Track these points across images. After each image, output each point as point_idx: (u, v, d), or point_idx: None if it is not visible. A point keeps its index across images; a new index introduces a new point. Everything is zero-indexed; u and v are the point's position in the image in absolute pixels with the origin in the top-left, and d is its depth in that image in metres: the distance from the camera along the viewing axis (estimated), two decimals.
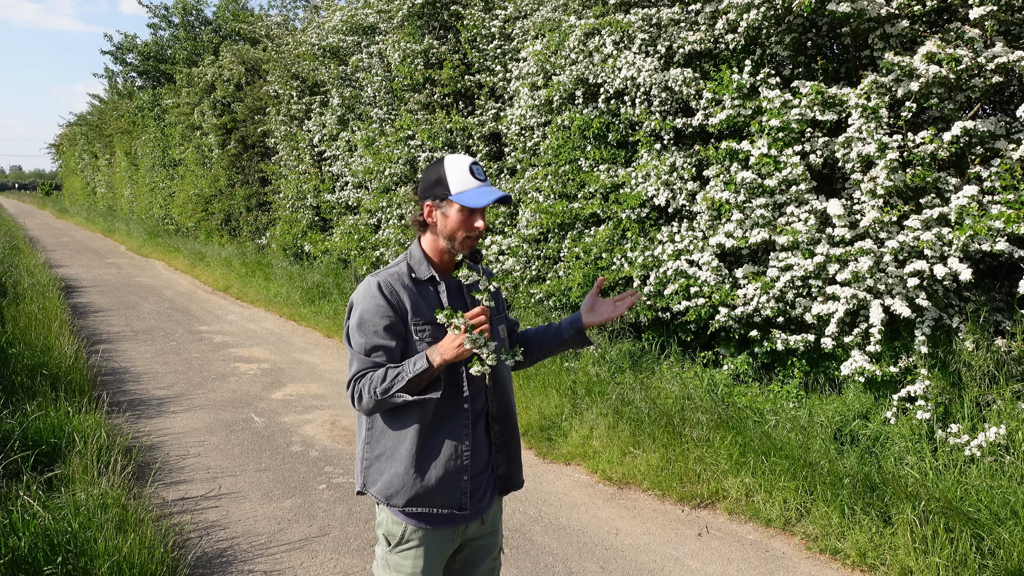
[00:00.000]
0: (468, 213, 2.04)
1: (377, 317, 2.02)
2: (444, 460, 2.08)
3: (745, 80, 5.18)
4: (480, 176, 2.05)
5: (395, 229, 9.13)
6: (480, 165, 2.06)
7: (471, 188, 2.02)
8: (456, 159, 2.06)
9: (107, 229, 24.14)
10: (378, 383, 1.98)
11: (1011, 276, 4.83)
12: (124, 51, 22.79)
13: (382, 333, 2.02)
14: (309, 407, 6.05)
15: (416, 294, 2.07)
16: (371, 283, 2.06)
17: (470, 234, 2.05)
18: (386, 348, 2.03)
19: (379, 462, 2.10)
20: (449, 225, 2.05)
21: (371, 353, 2.03)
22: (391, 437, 2.08)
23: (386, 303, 2.03)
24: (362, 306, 2.05)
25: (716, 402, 5.14)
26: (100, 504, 3.61)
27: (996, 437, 3.89)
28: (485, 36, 8.27)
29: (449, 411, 2.08)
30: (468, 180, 2.03)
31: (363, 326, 2.03)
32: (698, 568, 3.64)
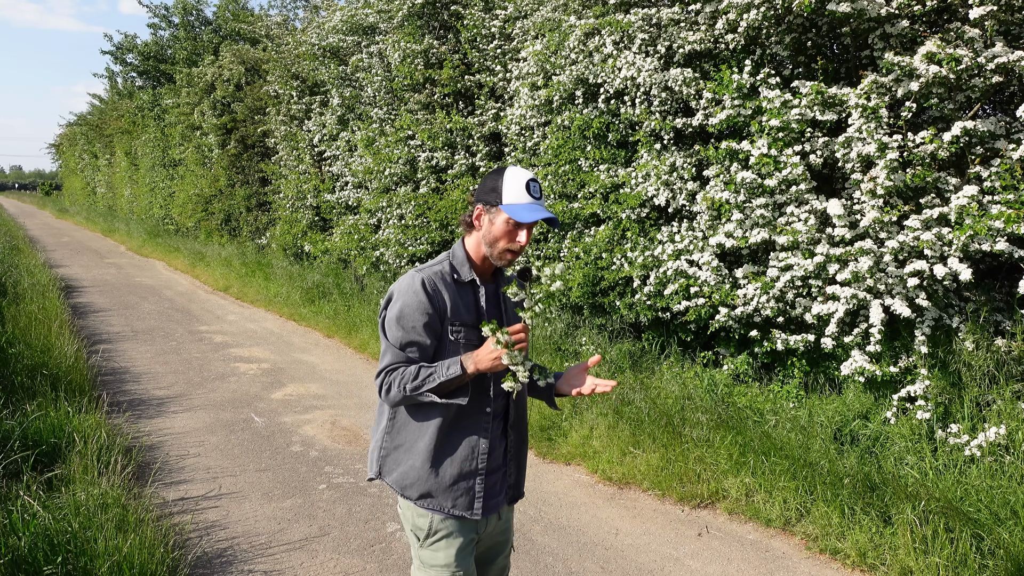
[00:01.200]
0: (513, 226, 2.06)
1: (417, 313, 2.04)
2: (461, 459, 2.11)
3: (745, 80, 5.18)
4: (535, 194, 2.06)
5: (395, 229, 9.13)
6: (539, 183, 2.09)
7: (523, 203, 2.04)
8: (517, 172, 2.07)
9: (107, 229, 24.13)
10: (409, 379, 2.01)
11: (1011, 276, 4.83)
12: (124, 51, 22.80)
13: (420, 330, 2.04)
14: (309, 407, 6.05)
15: (456, 294, 2.10)
16: (415, 279, 2.07)
17: (511, 247, 2.07)
18: (421, 345, 2.05)
19: (397, 452, 2.14)
20: (493, 232, 2.08)
21: (406, 348, 2.05)
22: (412, 430, 2.12)
23: (428, 301, 2.05)
24: (403, 300, 2.06)
25: (716, 402, 5.14)
26: (100, 504, 3.61)
27: (996, 437, 3.89)
28: (485, 36, 8.27)
29: (472, 412, 2.11)
30: (522, 194, 2.05)
31: (402, 320, 2.05)
32: (698, 568, 3.64)
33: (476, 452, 2.12)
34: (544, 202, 2.04)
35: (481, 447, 2.13)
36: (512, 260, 2.09)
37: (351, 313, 9.01)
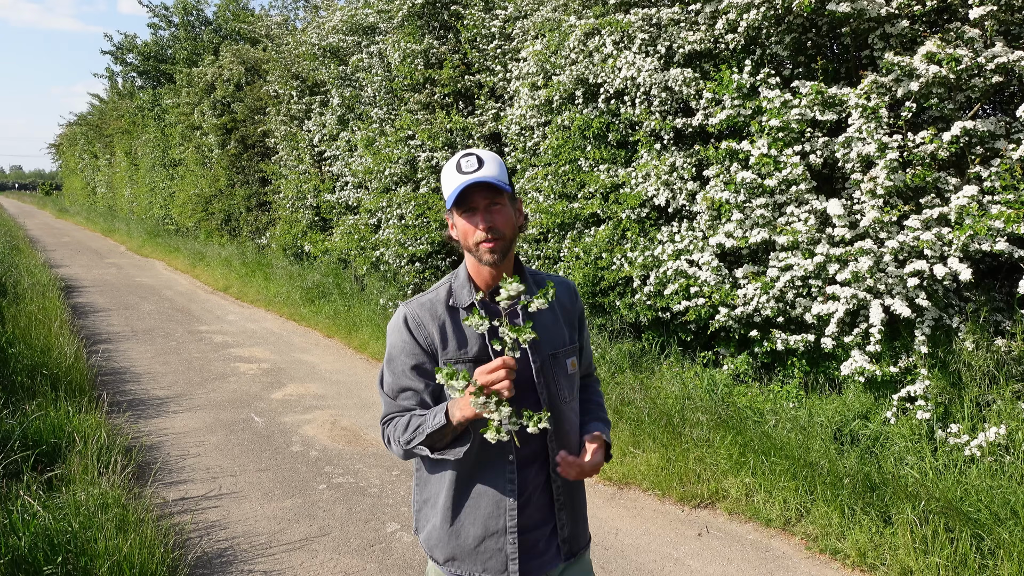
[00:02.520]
0: (463, 214, 1.73)
1: (403, 355, 1.79)
2: (484, 516, 1.79)
3: (745, 80, 5.18)
4: (468, 168, 1.70)
5: (395, 229, 9.13)
6: (475, 156, 1.72)
7: (457, 184, 1.70)
8: (449, 161, 1.76)
9: (107, 229, 24.14)
10: (400, 432, 1.76)
11: (1011, 276, 4.83)
12: (124, 51, 22.78)
13: (408, 374, 1.78)
14: (309, 407, 6.05)
15: (451, 326, 1.77)
16: (399, 315, 1.81)
17: (477, 238, 1.72)
18: (414, 390, 1.79)
19: (426, 508, 1.88)
20: (461, 235, 1.76)
21: (398, 395, 1.81)
22: (434, 483, 1.85)
23: (412, 339, 1.77)
24: (390, 341, 1.83)
25: (716, 402, 5.14)
26: (100, 504, 3.61)
27: (996, 437, 3.89)
28: (485, 36, 8.27)
29: (491, 461, 1.78)
30: (455, 177, 1.71)
31: (391, 363, 1.82)
32: (698, 568, 3.64)
33: (502, 508, 1.78)
34: (487, 169, 1.70)
35: (508, 502, 1.78)
36: (494, 254, 1.72)
37: (351, 313, 9.01)
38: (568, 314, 1.91)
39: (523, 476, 1.80)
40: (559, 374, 1.83)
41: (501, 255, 1.73)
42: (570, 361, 1.87)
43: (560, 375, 1.84)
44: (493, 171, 1.70)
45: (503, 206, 1.73)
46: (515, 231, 1.77)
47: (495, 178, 1.69)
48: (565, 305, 1.91)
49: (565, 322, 1.89)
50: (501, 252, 1.72)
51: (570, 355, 1.87)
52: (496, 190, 1.71)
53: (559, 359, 1.84)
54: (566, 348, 1.87)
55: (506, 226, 1.73)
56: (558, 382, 1.83)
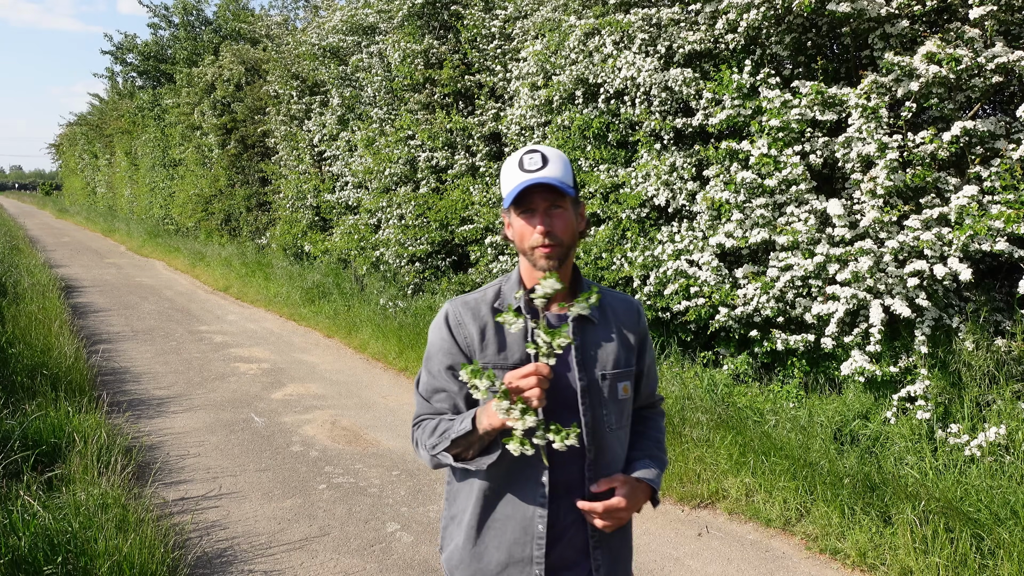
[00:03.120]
0: (521, 215, 1.62)
1: (440, 354, 1.69)
2: (509, 542, 1.64)
3: (745, 80, 5.18)
4: (530, 166, 1.59)
5: (395, 229, 9.13)
6: (539, 153, 1.60)
7: (517, 183, 1.58)
8: (513, 155, 1.65)
9: (107, 229, 24.14)
10: (427, 436, 1.65)
11: (1011, 276, 4.83)
12: (124, 51, 22.79)
13: (444, 374, 1.68)
14: (309, 407, 6.05)
15: (493, 329, 1.66)
16: (443, 311, 1.71)
17: (533, 243, 1.59)
18: (448, 392, 1.68)
19: (452, 524, 1.75)
20: (516, 236, 1.64)
21: (432, 396, 1.70)
22: (463, 498, 1.71)
23: (450, 338, 1.67)
24: (430, 339, 1.73)
25: (716, 402, 5.14)
26: (100, 504, 3.61)
27: (996, 437, 3.89)
28: (485, 36, 8.27)
29: (521, 477, 1.63)
30: (515, 175, 1.60)
31: (428, 362, 1.72)
32: (698, 568, 3.64)
33: (530, 535, 1.62)
34: (551, 169, 1.58)
35: (537, 529, 1.61)
36: (551, 260, 1.59)
37: (351, 313, 9.01)
38: (628, 335, 1.73)
39: (556, 506, 1.63)
40: (608, 399, 1.67)
41: (558, 262, 1.60)
42: (622, 386, 1.70)
43: (609, 400, 1.67)
44: (557, 171, 1.59)
45: (564, 210, 1.61)
46: (575, 238, 1.64)
47: (558, 180, 1.57)
48: (626, 325, 1.74)
49: (621, 342, 1.71)
50: (558, 259, 1.59)
51: (623, 379, 1.70)
52: (559, 193, 1.59)
53: (610, 382, 1.67)
54: (619, 371, 1.69)
55: (565, 232, 1.60)
56: (605, 407, 1.66)
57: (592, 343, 1.68)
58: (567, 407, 1.63)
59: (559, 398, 1.60)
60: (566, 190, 1.58)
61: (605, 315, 1.72)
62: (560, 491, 1.63)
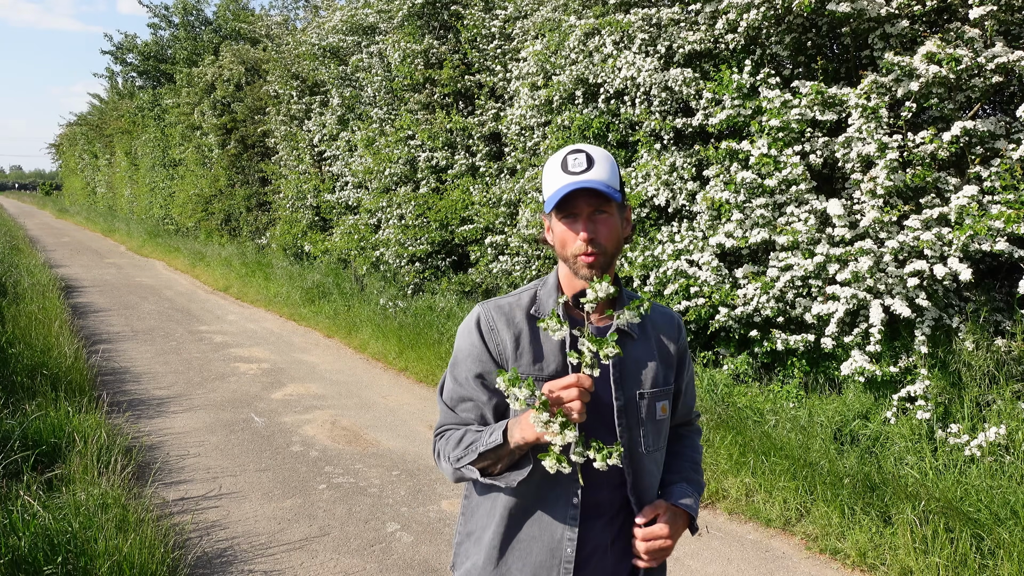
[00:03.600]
0: (566, 220, 1.51)
1: (470, 360, 1.58)
2: (534, 564, 1.54)
3: (745, 80, 5.18)
4: (575, 168, 1.48)
5: (395, 229, 9.13)
6: (584, 153, 1.49)
7: (560, 186, 1.48)
8: (556, 155, 1.53)
9: (107, 229, 24.14)
10: (452, 447, 1.54)
11: (1011, 276, 4.83)
12: (124, 51, 22.80)
13: (472, 382, 1.57)
14: (309, 407, 6.05)
15: (529, 336, 1.56)
16: (472, 315, 1.61)
17: (576, 250, 1.49)
18: (475, 402, 1.57)
19: (468, 542, 1.65)
20: (558, 242, 1.54)
21: (457, 405, 1.60)
22: (483, 514, 1.61)
23: (481, 344, 1.57)
24: (458, 343, 1.62)
25: (716, 402, 5.14)
26: (100, 504, 3.61)
27: (996, 437, 3.89)
28: (485, 36, 8.27)
29: (551, 496, 1.53)
30: (559, 176, 1.49)
31: (455, 368, 1.61)
32: (698, 568, 3.64)
33: (558, 558, 1.52)
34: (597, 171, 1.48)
35: (565, 552, 1.52)
36: (592, 269, 1.49)
37: (351, 313, 9.01)
38: (667, 350, 1.64)
39: (584, 528, 1.53)
40: (645, 418, 1.57)
41: (600, 271, 1.49)
42: (661, 405, 1.60)
43: (647, 420, 1.57)
44: (603, 174, 1.48)
45: (610, 215, 1.50)
46: (619, 245, 1.53)
47: (605, 184, 1.46)
48: (665, 339, 1.65)
49: (661, 359, 1.62)
50: (600, 268, 1.49)
51: (662, 398, 1.61)
52: (604, 197, 1.48)
53: (648, 401, 1.58)
54: (658, 390, 1.60)
55: (610, 239, 1.50)
56: (643, 427, 1.57)
57: (631, 359, 1.58)
58: (603, 425, 1.53)
59: (595, 417, 1.51)
60: (612, 195, 1.47)
61: (645, 329, 1.62)
62: (593, 513, 1.54)
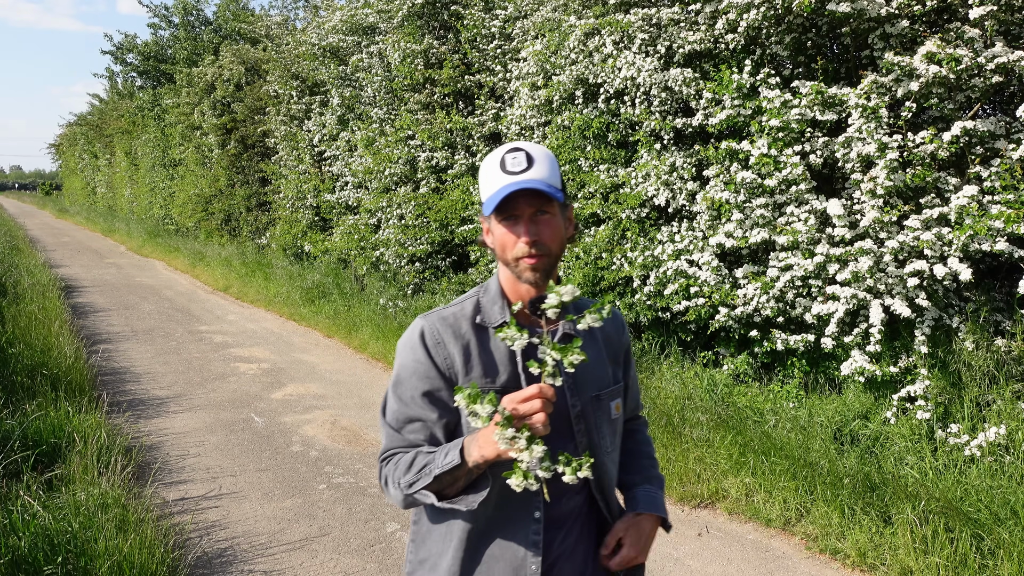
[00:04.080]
0: (507, 222, 1.43)
1: (415, 378, 1.48)
2: None
3: (745, 80, 5.18)
4: (515, 167, 1.41)
5: (395, 229, 9.13)
6: (524, 152, 1.42)
7: (499, 187, 1.41)
8: (494, 153, 1.46)
9: (107, 229, 24.14)
10: (402, 472, 1.44)
11: (1011, 276, 4.83)
12: (124, 51, 22.80)
13: (419, 401, 1.48)
14: (309, 407, 6.05)
15: (478, 347, 1.48)
16: (414, 329, 1.51)
17: (517, 253, 1.42)
18: (424, 421, 1.48)
19: (422, 570, 1.55)
20: (496, 244, 1.47)
21: (404, 427, 1.50)
22: (437, 539, 1.53)
23: (427, 359, 1.47)
24: (400, 360, 1.52)
25: (716, 402, 5.14)
26: (100, 504, 3.61)
27: (996, 437, 3.89)
28: (485, 36, 8.27)
29: (510, 514, 1.47)
30: (497, 177, 1.42)
31: (398, 387, 1.51)
32: (698, 568, 3.64)
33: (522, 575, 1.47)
34: (537, 170, 1.42)
35: (530, 569, 1.46)
36: (536, 272, 1.43)
37: (351, 313, 9.01)
38: (614, 348, 1.62)
39: (550, 538, 1.49)
40: (601, 420, 1.54)
41: (544, 274, 1.44)
42: (614, 404, 1.57)
43: (603, 421, 1.54)
44: (543, 173, 1.42)
45: (552, 216, 1.44)
46: (563, 246, 1.48)
47: (546, 183, 1.40)
48: (611, 338, 1.62)
49: (611, 357, 1.60)
50: (544, 271, 1.43)
51: (615, 397, 1.58)
52: (546, 198, 1.41)
53: (603, 402, 1.55)
54: (611, 389, 1.57)
55: (553, 240, 1.44)
56: (600, 430, 1.54)
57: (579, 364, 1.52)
58: (561, 434, 1.48)
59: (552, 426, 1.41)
60: (554, 195, 1.40)
61: (591, 329, 1.55)
62: (552, 523, 1.50)
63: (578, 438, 1.51)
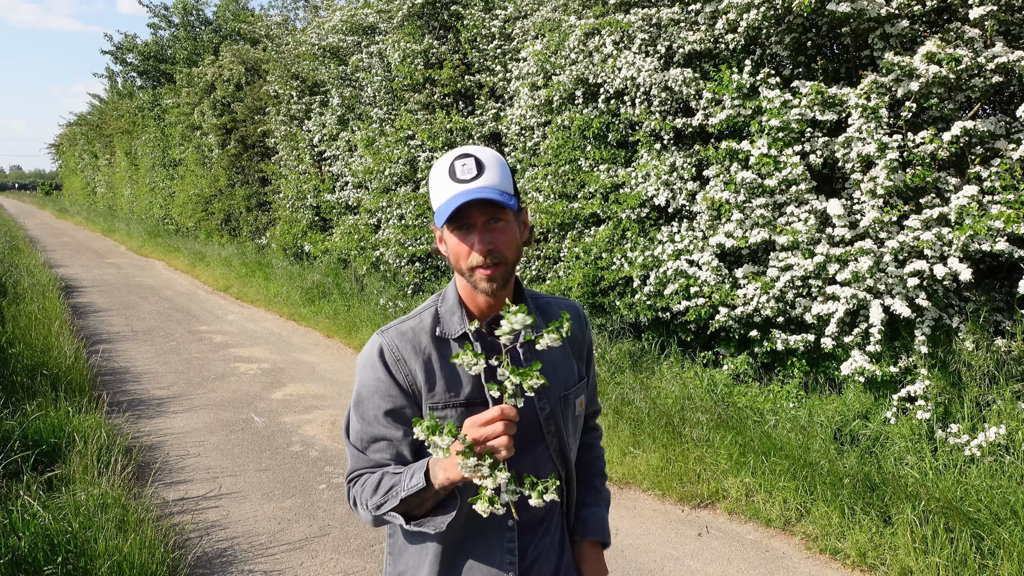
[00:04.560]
0: (459, 231, 1.39)
1: (377, 396, 1.45)
2: None
3: (745, 80, 5.18)
4: (463, 175, 1.37)
5: (395, 229, 9.13)
6: (473, 158, 1.38)
7: (449, 197, 1.37)
8: (443, 160, 1.41)
9: (107, 229, 24.14)
10: (369, 494, 1.42)
11: (1011, 276, 4.83)
12: (124, 51, 22.79)
13: (382, 420, 1.45)
14: (309, 407, 6.05)
15: (439, 361, 1.45)
16: (372, 346, 1.47)
17: (471, 262, 1.39)
18: (389, 440, 1.45)
19: None
20: (450, 254, 1.43)
21: (369, 447, 1.46)
22: (414, 552, 1.51)
23: (388, 377, 1.44)
24: (360, 379, 1.48)
25: (716, 402, 5.14)
26: (100, 504, 3.61)
27: (996, 437, 3.89)
28: (485, 36, 8.27)
29: (484, 527, 1.46)
30: (446, 186, 1.38)
31: (360, 407, 1.47)
32: (698, 568, 3.64)
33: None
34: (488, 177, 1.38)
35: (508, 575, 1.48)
36: (493, 282, 1.39)
37: (351, 313, 9.01)
38: (577, 345, 1.61)
39: (525, 541, 1.50)
40: (567, 418, 1.55)
41: (501, 282, 1.40)
42: (579, 401, 1.59)
43: (568, 419, 1.55)
44: (494, 179, 1.38)
45: (507, 223, 1.40)
46: (519, 252, 1.44)
47: (497, 190, 1.36)
48: (575, 334, 1.60)
49: (574, 355, 1.60)
50: (501, 279, 1.40)
51: (579, 394, 1.59)
52: (499, 205, 1.38)
53: (569, 401, 1.55)
54: (576, 387, 1.58)
55: (509, 247, 1.40)
56: (566, 428, 1.55)
57: (550, 363, 1.51)
58: (530, 436, 1.48)
59: (521, 428, 1.38)
60: (507, 203, 1.36)
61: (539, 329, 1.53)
62: (526, 528, 1.50)
63: (548, 439, 1.52)
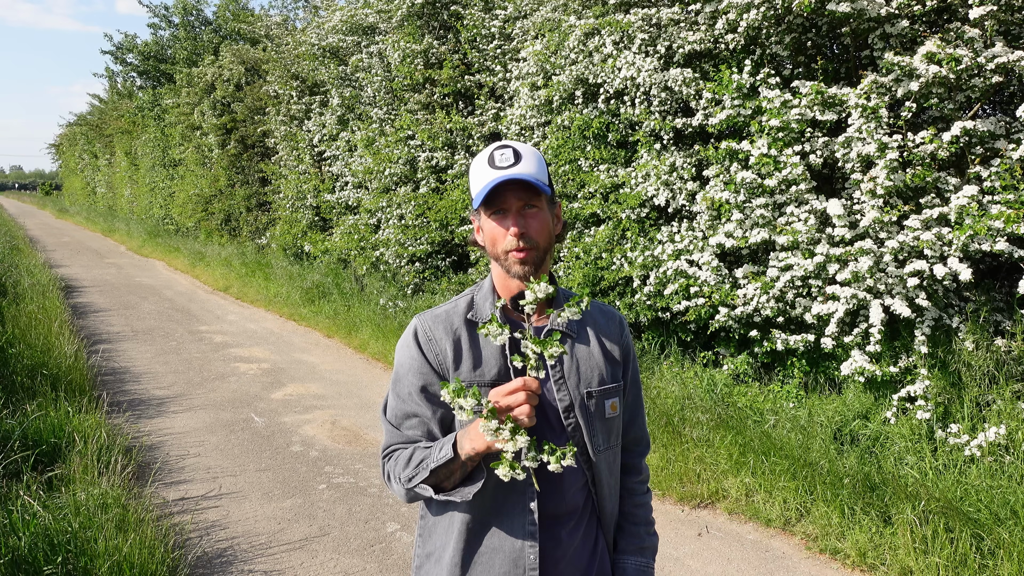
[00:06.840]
0: (496, 216, 1.48)
1: (411, 375, 1.54)
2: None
3: (745, 80, 5.18)
4: (502, 163, 1.46)
5: (395, 229, 9.13)
6: (511, 148, 1.48)
7: (488, 181, 1.45)
8: (483, 152, 1.51)
9: (107, 229, 24.14)
10: (402, 468, 1.50)
11: (1011, 276, 4.83)
12: (124, 51, 22.81)
13: (415, 397, 1.53)
14: (309, 407, 6.05)
15: (468, 342, 1.53)
16: (410, 328, 1.58)
17: (506, 246, 1.47)
18: (421, 417, 1.53)
19: (429, 563, 1.60)
20: (487, 239, 1.51)
21: (403, 423, 1.55)
22: (441, 533, 1.57)
23: (420, 356, 1.54)
24: (397, 359, 1.59)
25: (716, 402, 5.14)
26: (100, 504, 3.61)
27: (996, 437, 3.89)
28: (485, 36, 8.27)
29: (507, 505, 1.51)
30: (485, 172, 1.47)
31: (397, 385, 1.57)
32: (698, 568, 3.64)
33: (521, 567, 1.50)
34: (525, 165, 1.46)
35: (528, 559, 1.50)
36: (525, 265, 1.47)
37: (351, 313, 9.01)
38: (612, 347, 1.62)
39: (548, 535, 1.52)
40: (594, 417, 1.56)
41: (533, 267, 1.47)
42: (610, 403, 1.59)
43: (596, 418, 1.56)
44: (531, 168, 1.46)
45: (540, 210, 1.48)
46: (551, 240, 1.52)
47: (533, 176, 1.45)
48: (609, 336, 1.63)
49: (605, 356, 1.60)
50: (533, 264, 1.47)
51: (611, 396, 1.59)
52: (533, 191, 1.47)
53: (596, 399, 1.56)
54: (606, 387, 1.58)
55: (541, 234, 1.48)
56: (592, 426, 1.55)
57: (574, 358, 1.57)
58: (551, 428, 1.53)
59: (541, 419, 1.50)
60: (541, 187, 1.46)
61: (585, 329, 1.60)
62: (552, 519, 1.53)
63: (570, 432, 1.55)
